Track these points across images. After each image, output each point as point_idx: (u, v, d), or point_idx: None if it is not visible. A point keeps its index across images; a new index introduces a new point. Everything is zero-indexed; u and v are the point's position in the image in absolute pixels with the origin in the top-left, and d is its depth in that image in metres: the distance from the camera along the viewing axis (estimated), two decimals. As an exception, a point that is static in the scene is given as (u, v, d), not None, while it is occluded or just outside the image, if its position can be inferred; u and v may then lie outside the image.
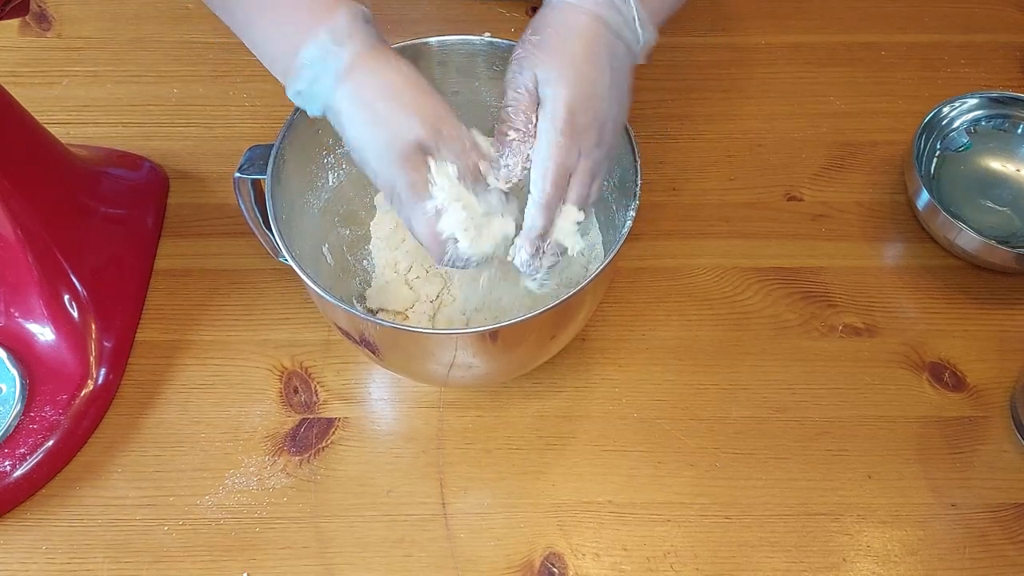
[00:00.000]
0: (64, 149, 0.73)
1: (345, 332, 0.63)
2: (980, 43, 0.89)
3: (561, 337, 0.65)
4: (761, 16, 0.90)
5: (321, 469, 0.68)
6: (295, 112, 0.64)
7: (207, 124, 0.84)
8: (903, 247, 0.78)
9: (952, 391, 0.71)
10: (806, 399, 0.71)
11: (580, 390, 0.71)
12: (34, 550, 0.65)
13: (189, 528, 0.66)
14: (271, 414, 0.70)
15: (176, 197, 0.80)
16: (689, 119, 0.84)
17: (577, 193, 0.58)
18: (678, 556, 0.65)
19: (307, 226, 0.68)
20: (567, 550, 0.65)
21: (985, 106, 0.79)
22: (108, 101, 0.85)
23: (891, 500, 0.67)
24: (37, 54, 0.88)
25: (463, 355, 0.60)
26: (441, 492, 0.67)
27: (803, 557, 0.65)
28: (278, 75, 0.59)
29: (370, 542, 0.65)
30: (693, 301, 0.75)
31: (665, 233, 0.78)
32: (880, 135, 0.83)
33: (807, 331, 0.73)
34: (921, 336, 0.73)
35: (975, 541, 0.65)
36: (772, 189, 0.80)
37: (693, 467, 0.68)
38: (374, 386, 0.71)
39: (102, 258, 0.72)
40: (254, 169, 0.63)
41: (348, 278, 0.71)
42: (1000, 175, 0.79)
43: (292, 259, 0.59)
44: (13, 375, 0.68)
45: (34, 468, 0.66)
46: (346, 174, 0.71)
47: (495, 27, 0.89)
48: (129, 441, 0.69)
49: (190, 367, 0.72)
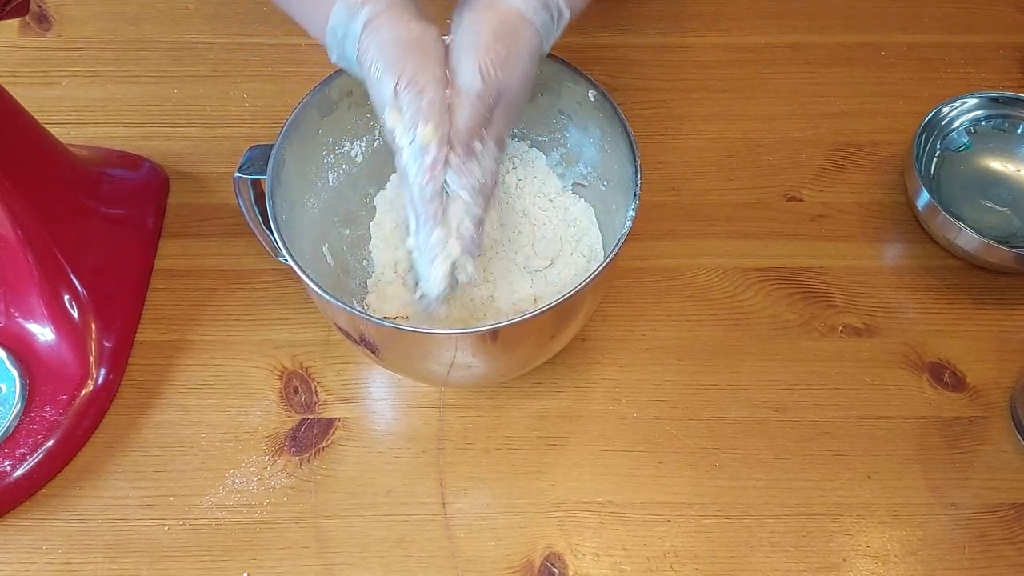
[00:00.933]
0: (64, 149, 0.73)
1: (345, 332, 0.63)
2: (980, 43, 0.89)
3: (561, 337, 0.65)
4: (761, 16, 0.90)
5: (321, 469, 0.68)
6: (295, 112, 0.64)
7: (207, 124, 0.84)
8: (903, 247, 0.78)
9: (952, 391, 0.71)
10: (806, 399, 0.71)
11: (580, 390, 0.71)
12: (34, 550, 0.65)
13: (189, 528, 0.66)
14: (271, 414, 0.70)
15: (176, 197, 0.80)
16: (689, 119, 0.84)
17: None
18: (678, 556, 0.65)
19: (307, 226, 0.68)
20: (567, 550, 0.65)
21: (985, 106, 0.79)
22: (108, 101, 0.85)
23: (891, 500, 0.67)
24: (37, 54, 0.88)
25: (463, 355, 0.60)
26: (441, 492, 0.67)
27: (803, 557, 0.65)
28: (312, 31, 0.59)
29: (370, 542, 0.65)
30: (693, 301, 0.75)
31: (665, 233, 0.78)
32: (880, 135, 0.83)
33: (807, 331, 0.74)
34: (921, 336, 0.73)
35: (975, 541, 0.65)
36: (772, 189, 0.80)
37: (693, 467, 0.68)
38: (374, 386, 0.71)
39: (102, 258, 0.72)
40: (254, 169, 0.63)
41: (348, 278, 0.71)
42: (1000, 175, 0.79)
43: (292, 259, 0.59)
44: (13, 375, 0.68)
45: (34, 468, 0.66)
46: (346, 174, 0.71)
47: (495, 27, 0.89)
48: (129, 441, 0.69)
49: (190, 367, 0.72)
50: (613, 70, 0.86)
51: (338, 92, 0.66)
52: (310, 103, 0.65)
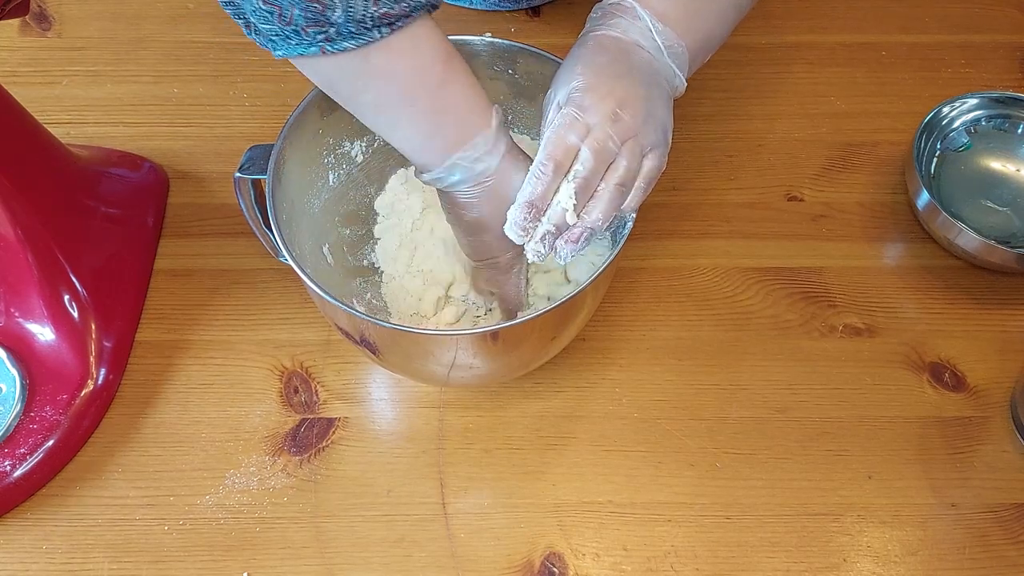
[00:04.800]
0: (64, 149, 0.72)
1: (345, 332, 0.63)
2: (980, 43, 0.89)
3: (562, 337, 0.65)
4: (761, 16, 0.90)
5: (321, 469, 0.68)
6: (295, 112, 0.64)
7: (207, 124, 0.84)
8: (903, 247, 0.78)
9: (952, 391, 0.71)
10: (806, 399, 0.71)
11: (580, 390, 0.71)
12: (34, 550, 0.65)
13: (189, 528, 0.66)
14: (271, 414, 0.70)
15: (176, 197, 0.80)
16: (689, 119, 0.84)
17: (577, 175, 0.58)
18: (678, 556, 0.65)
19: (307, 226, 0.68)
20: (567, 550, 0.65)
21: (985, 106, 0.79)
22: (108, 101, 0.85)
23: (891, 500, 0.67)
24: (37, 54, 0.88)
25: (463, 355, 0.60)
26: (441, 492, 0.67)
27: (803, 557, 0.65)
28: (418, 161, 0.59)
29: (370, 542, 0.65)
30: (693, 301, 0.75)
31: (665, 233, 0.78)
32: (880, 135, 0.83)
33: (807, 331, 0.73)
34: (921, 336, 0.73)
35: (975, 541, 0.65)
36: (772, 189, 0.80)
37: (693, 467, 0.68)
38: (374, 386, 0.71)
39: (102, 258, 0.72)
40: (254, 169, 0.63)
41: (348, 278, 0.71)
42: (1000, 175, 0.79)
43: (292, 259, 0.59)
44: (13, 375, 0.68)
45: (34, 468, 0.66)
46: (346, 174, 0.71)
47: (495, 27, 0.89)
48: (129, 441, 0.69)
49: (190, 367, 0.72)
50: (613, 70, 0.86)
51: (338, 92, 0.66)
52: (311, 103, 0.65)
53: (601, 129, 0.57)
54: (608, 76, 0.58)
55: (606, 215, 0.58)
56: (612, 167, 0.58)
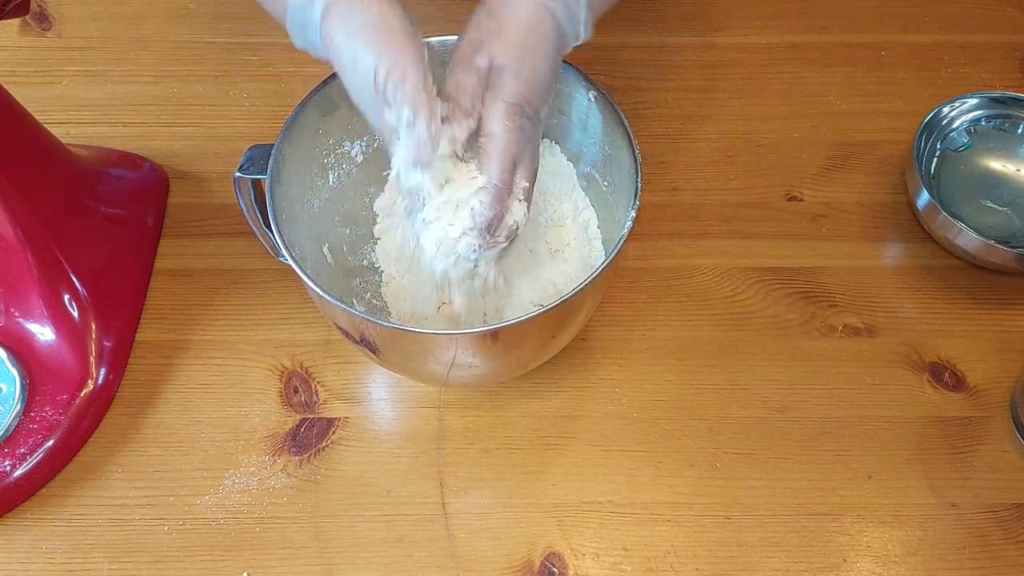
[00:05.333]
0: (64, 149, 0.73)
1: (345, 332, 0.63)
2: (980, 43, 0.89)
3: (561, 337, 0.65)
4: (761, 16, 0.90)
5: (321, 469, 0.68)
6: (295, 112, 0.64)
7: (207, 124, 0.84)
8: (903, 247, 0.78)
9: (952, 391, 0.71)
10: (806, 399, 0.71)
11: (580, 390, 0.71)
12: (34, 550, 0.65)
13: (189, 528, 0.66)
14: (271, 414, 0.70)
15: (176, 197, 0.80)
16: (689, 119, 0.84)
17: (523, 188, 0.59)
18: (678, 556, 0.65)
19: (307, 226, 0.68)
20: (567, 550, 0.65)
21: (985, 106, 0.79)
22: (108, 101, 0.85)
23: (891, 500, 0.67)
24: (37, 54, 0.88)
25: (463, 355, 0.60)
26: (441, 492, 0.67)
27: (803, 557, 0.65)
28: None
29: (370, 542, 0.65)
30: (693, 301, 0.75)
31: (665, 233, 0.78)
32: (880, 135, 0.83)
33: (807, 331, 0.73)
34: (921, 336, 0.73)
35: (975, 541, 0.65)
36: (772, 189, 0.80)
37: (693, 467, 0.68)
38: (374, 386, 0.71)
39: (102, 258, 0.72)
40: (254, 169, 0.63)
41: (348, 278, 0.71)
42: (1000, 175, 0.79)
43: (292, 259, 0.59)
44: (13, 375, 0.68)
45: (34, 468, 0.66)
46: (346, 174, 0.71)
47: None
48: (129, 441, 0.69)
49: (190, 367, 0.72)
50: (613, 70, 0.86)
51: (338, 92, 0.66)
52: (310, 103, 0.65)
53: (529, 148, 0.58)
54: (540, 80, 0.58)
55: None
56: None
